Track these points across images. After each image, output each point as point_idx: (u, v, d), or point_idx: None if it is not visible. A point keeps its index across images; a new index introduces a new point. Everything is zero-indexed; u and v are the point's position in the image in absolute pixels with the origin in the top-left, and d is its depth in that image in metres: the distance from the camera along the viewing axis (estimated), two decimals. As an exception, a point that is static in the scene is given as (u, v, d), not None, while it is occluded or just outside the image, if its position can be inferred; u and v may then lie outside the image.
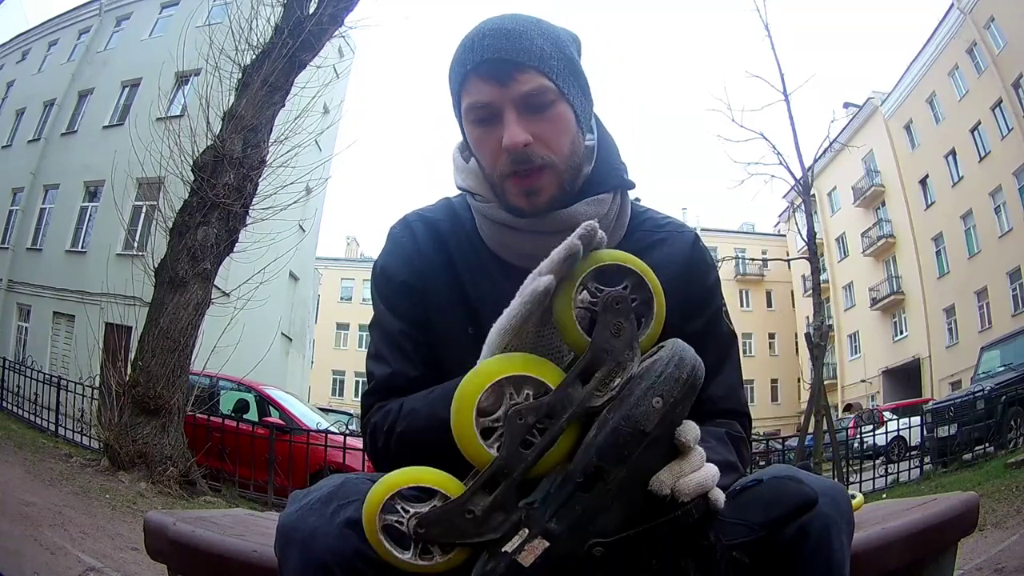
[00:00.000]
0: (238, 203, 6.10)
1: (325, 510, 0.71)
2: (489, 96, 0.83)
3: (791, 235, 25.16)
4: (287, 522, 0.72)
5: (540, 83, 0.83)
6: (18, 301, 16.34)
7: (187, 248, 5.92)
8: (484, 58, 0.82)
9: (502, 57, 0.82)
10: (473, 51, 0.84)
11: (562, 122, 0.85)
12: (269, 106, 6.38)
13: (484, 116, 0.85)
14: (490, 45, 0.82)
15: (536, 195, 0.86)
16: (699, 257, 0.95)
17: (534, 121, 0.83)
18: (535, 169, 0.84)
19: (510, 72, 0.82)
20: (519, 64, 0.82)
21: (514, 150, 0.82)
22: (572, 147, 0.87)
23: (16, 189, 17.61)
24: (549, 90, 0.83)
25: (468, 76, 0.84)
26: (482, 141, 0.86)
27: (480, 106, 0.84)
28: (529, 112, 0.83)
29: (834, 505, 0.73)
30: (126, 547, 3.22)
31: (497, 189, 0.88)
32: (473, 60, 0.83)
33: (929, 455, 7.65)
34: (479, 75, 0.83)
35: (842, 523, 0.74)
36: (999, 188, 19.20)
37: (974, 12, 19.66)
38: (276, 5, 6.73)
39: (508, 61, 0.82)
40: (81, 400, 7.55)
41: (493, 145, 0.84)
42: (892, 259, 24.96)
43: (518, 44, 0.82)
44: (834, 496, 0.74)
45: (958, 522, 1.08)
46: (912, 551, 1.02)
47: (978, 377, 9.41)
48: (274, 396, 7.92)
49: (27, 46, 20.16)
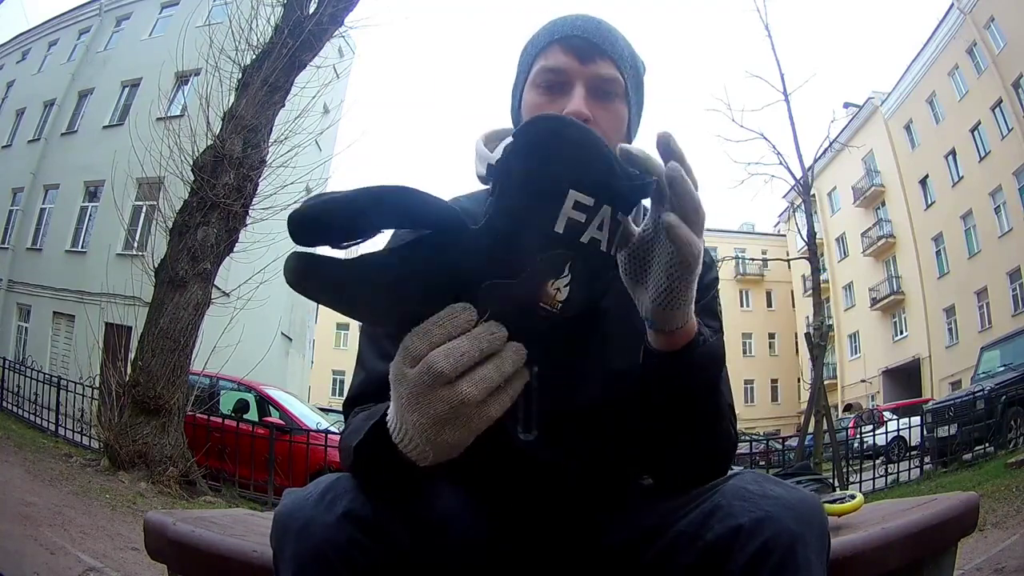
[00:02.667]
0: (238, 203, 6.10)
1: (321, 501, 0.72)
2: (567, 65, 0.88)
3: (791, 235, 25.17)
4: (282, 512, 0.73)
5: (613, 73, 0.88)
6: (18, 301, 16.34)
7: (187, 248, 5.92)
8: (574, 33, 0.88)
9: (590, 39, 0.88)
10: (564, 25, 0.89)
11: (618, 117, 0.90)
12: (269, 106, 6.38)
13: (554, 82, 0.89)
14: (582, 25, 0.89)
15: None
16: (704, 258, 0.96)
17: (597, 105, 0.88)
18: None
19: (593, 53, 0.88)
20: (602, 50, 0.88)
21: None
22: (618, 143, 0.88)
23: (16, 189, 17.60)
24: (618, 83, 0.89)
25: (552, 44, 0.89)
26: (540, 106, 0.89)
27: (555, 70, 0.88)
28: (595, 96, 0.88)
29: (799, 519, 0.69)
30: (126, 547, 3.22)
31: None
32: (563, 32, 0.89)
33: (929, 455, 7.65)
34: (563, 46, 0.88)
35: (810, 538, 0.69)
36: (999, 188, 19.19)
37: (974, 12, 19.65)
38: (276, 5, 6.73)
39: (594, 44, 0.88)
40: (81, 400, 7.55)
41: (552, 112, 0.87)
42: (892, 259, 24.95)
43: (606, 35, 0.89)
44: (801, 510, 0.70)
45: (958, 522, 1.08)
46: (912, 551, 1.01)
47: (978, 377, 9.41)
48: (274, 396, 7.92)
49: (27, 46, 20.16)
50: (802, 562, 0.67)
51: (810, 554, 0.68)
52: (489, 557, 0.85)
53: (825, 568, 0.71)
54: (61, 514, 3.68)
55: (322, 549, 0.69)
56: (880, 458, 8.76)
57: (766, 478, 0.76)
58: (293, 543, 0.70)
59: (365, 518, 0.71)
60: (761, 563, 0.67)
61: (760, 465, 7.88)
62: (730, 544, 0.69)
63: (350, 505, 0.71)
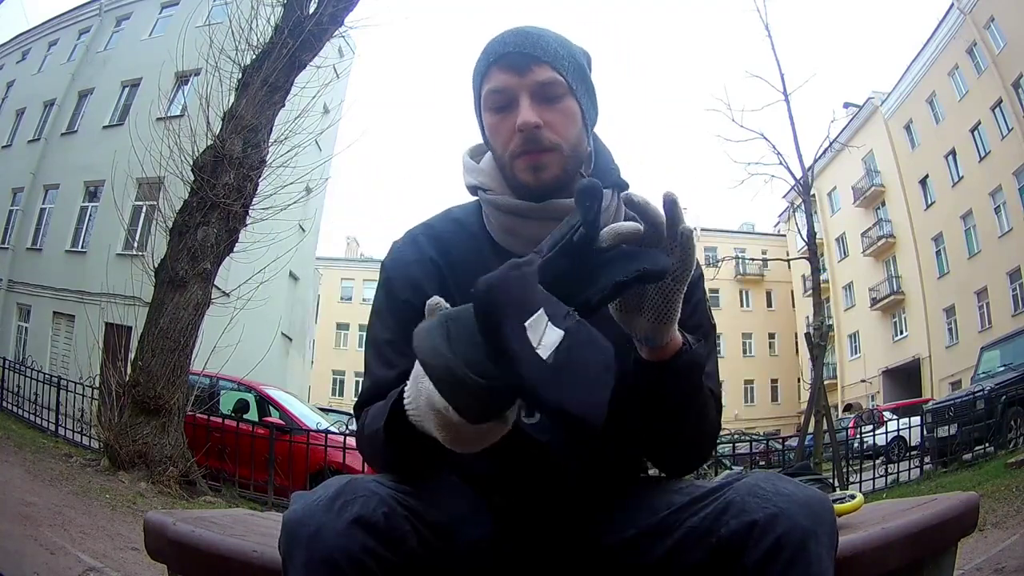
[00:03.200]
0: (238, 203, 6.10)
1: (332, 507, 0.72)
2: (507, 83, 0.93)
3: (791, 235, 25.16)
4: (292, 519, 0.73)
5: (553, 76, 0.92)
6: (18, 301, 16.34)
7: (187, 248, 5.92)
8: (506, 51, 0.93)
9: (521, 51, 0.92)
10: (497, 45, 0.94)
11: (570, 113, 0.94)
12: (269, 106, 6.38)
13: (501, 102, 0.94)
14: (511, 41, 0.93)
15: (542, 171, 0.93)
16: None
17: (545, 109, 0.92)
18: (544, 149, 0.92)
19: (527, 64, 0.92)
20: (535, 58, 0.92)
21: (526, 130, 0.91)
22: (577, 137, 0.95)
23: (16, 189, 17.61)
24: (560, 84, 0.93)
25: (491, 67, 0.94)
26: (498, 126, 0.95)
27: (499, 91, 0.93)
28: (541, 101, 0.92)
29: (811, 515, 0.73)
30: (126, 547, 3.22)
31: (507, 170, 0.95)
32: (496, 53, 0.94)
33: (929, 455, 7.65)
34: (500, 65, 0.93)
35: (821, 534, 0.73)
36: (999, 188, 19.20)
37: (974, 12, 19.66)
38: (276, 5, 6.73)
39: (526, 55, 0.92)
40: (81, 400, 7.55)
41: (507, 128, 0.93)
42: (892, 259, 24.96)
43: (536, 42, 0.93)
44: (813, 507, 0.74)
45: (958, 522, 1.08)
46: (912, 551, 1.02)
47: (978, 377, 9.41)
48: (274, 396, 7.91)
49: (27, 46, 20.16)
50: (814, 557, 0.71)
51: (821, 549, 0.72)
52: (497, 558, 0.86)
53: (833, 563, 0.74)
54: (61, 514, 3.68)
55: (334, 557, 0.69)
56: (880, 458, 8.75)
57: (778, 477, 0.79)
58: (304, 551, 0.70)
59: (376, 523, 0.71)
60: (774, 557, 0.70)
61: (760, 465, 7.88)
62: (744, 539, 0.72)
63: (361, 511, 0.71)
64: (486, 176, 1.00)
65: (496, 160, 0.98)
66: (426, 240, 0.99)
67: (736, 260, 30.61)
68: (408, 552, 0.73)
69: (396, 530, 0.72)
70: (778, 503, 0.73)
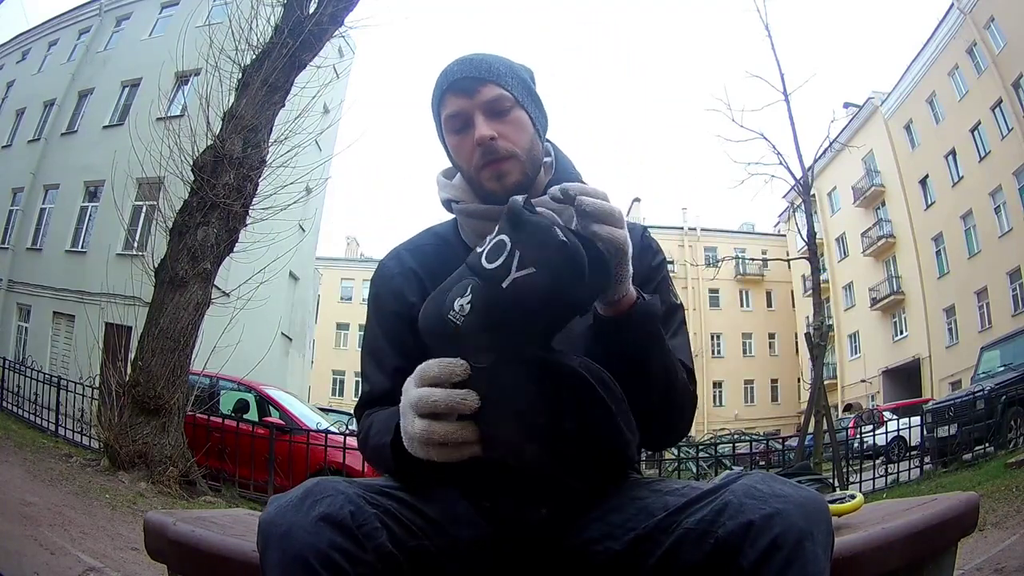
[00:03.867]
0: (238, 203, 6.10)
1: (301, 506, 0.76)
2: (461, 106, 1.02)
3: (791, 235, 25.18)
4: (265, 519, 0.77)
5: (499, 93, 1.02)
6: (18, 301, 16.33)
7: (187, 248, 5.92)
8: (455, 78, 1.03)
9: (468, 76, 1.02)
10: (447, 75, 1.04)
11: (520, 123, 1.04)
12: (269, 106, 6.38)
13: (459, 125, 1.04)
14: (459, 69, 1.03)
15: (504, 177, 1.02)
16: (646, 244, 1.10)
17: (497, 123, 1.02)
18: (502, 158, 1.01)
19: (475, 86, 1.02)
20: (482, 79, 1.02)
21: (483, 143, 1.00)
22: (531, 144, 1.05)
23: (16, 189, 17.60)
24: (507, 98, 1.03)
25: (445, 95, 1.04)
26: (460, 146, 1.05)
27: (455, 115, 1.03)
28: (493, 116, 1.02)
29: (807, 516, 0.74)
30: (126, 547, 3.22)
31: (475, 182, 1.05)
32: (447, 81, 1.04)
33: (929, 455, 7.65)
34: (452, 92, 1.03)
35: (817, 534, 0.74)
36: (999, 188, 19.19)
37: (974, 12, 19.65)
38: (276, 5, 6.72)
39: (474, 78, 1.02)
40: (81, 400, 7.54)
41: (468, 145, 1.03)
42: (892, 259, 24.96)
43: (480, 65, 1.03)
44: (809, 507, 0.75)
45: (958, 522, 1.08)
46: (912, 551, 1.02)
47: (978, 377, 9.41)
48: (274, 396, 7.91)
49: (27, 46, 20.16)
50: (810, 557, 0.72)
51: (817, 549, 0.73)
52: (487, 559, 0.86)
53: (830, 563, 0.75)
54: (61, 514, 3.68)
55: (304, 555, 0.72)
56: (880, 458, 8.76)
57: (774, 478, 0.80)
58: (276, 550, 0.74)
59: (343, 520, 0.74)
60: (771, 558, 0.71)
61: (760, 465, 7.88)
62: (741, 540, 0.73)
63: (327, 509, 0.74)
64: (457, 190, 1.10)
65: (464, 177, 1.08)
66: (408, 254, 1.11)
67: (736, 260, 30.60)
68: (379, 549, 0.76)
69: (364, 527, 0.75)
70: (774, 504, 0.74)
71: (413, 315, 1.01)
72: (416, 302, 1.02)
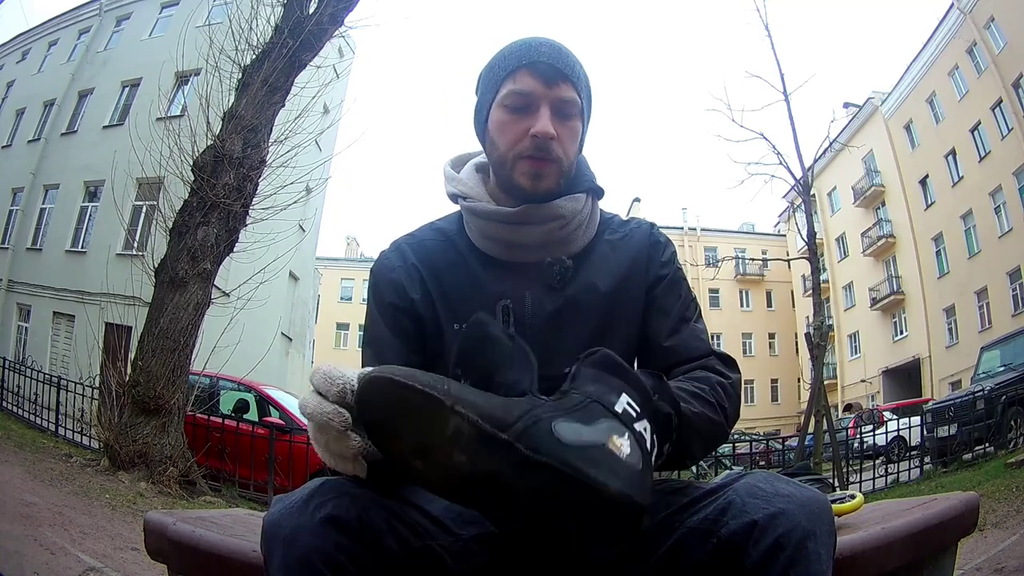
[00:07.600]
0: (238, 203, 6.10)
1: (306, 508, 0.74)
2: (533, 88, 0.98)
3: (791, 235, 25.15)
4: (269, 521, 0.75)
5: (573, 96, 0.99)
6: (18, 301, 16.33)
7: (187, 248, 5.92)
8: (540, 59, 0.98)
9: (553, 64, 0.98)
10: (530, 51, 0.99)
11: (576, 133, 1.02)
12: (269, 106, 6.38)
13: (521, 104, 0.98)
14: (546, 52, 0.99)
15: (541, 180, 0.99)
16: (655, 239, 1.09)
17: (559, 124, 0.98)
18: (549, 159, 0.98)
19: (556, 78, 0.98)
20: (564, 75, 0.98)
21: (543, 137, 0.97)
22: (575, 155, 1.03)
23: (16, 189, 17.59)
24: (576, 104, 1.00)
25: (521, 68, 0.98)
26: (509, 124, 0.99)
27: (523, 93, 0.98)
28: (558, 115, 0.98)
29: (810, 515, 0.74)
30: (126, 547, 3.22)
31: (506, 168, 1.00)
32: (530, 58, 0.98)
33: (929, 455, 7.65)
34: (531, 70, 0.98)
35: (820, 534, 0.74)
36: (999, 188, 19.19)
37: (974, 12, 19.64)
38: (276, 5, 6.73)
39: (558, 69, 0.98)
40: (81, 400, 7.55)
41: (520, 129, 0.98)
42: (892, 259, 24.95)
43: (568, 61, 0.99)
44: (811, 507, 0.75)
45: (958, 522, 1.08)
46: (912, 551, 1.02)
47: (978, 377, 9.40)
48: (274, 396, 7.91)
49: (27, 46, 20.16)
50: (813, 556, 0.72)
51: (820, 548, 0.73)
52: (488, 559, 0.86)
53: (832, 562, 0.75)
54: (61, 514, 3.68)
55: (309, 557, 0.71)
56: (880, 458, 8.75)
57: (777, 477, 0.80)
58: (281, 552, 0.72)
59: (349, 523, 0.73)
60: (774, 557, 0.71)
61: (760, 465, 7.88)
62: (744, 539, 0.73)
63: (333, 511, 0.73)
64: (466, 185, 1.06)
65: (493, 158, 1.03)
66: (409, 248, 1.06)
67: (736, 260, 30.54)
68: (385, 550, 0.74)
69: (370, 529, 0.74)
70: (778, 503, 0.74)
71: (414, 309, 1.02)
72: (417, 298, 1.02)
